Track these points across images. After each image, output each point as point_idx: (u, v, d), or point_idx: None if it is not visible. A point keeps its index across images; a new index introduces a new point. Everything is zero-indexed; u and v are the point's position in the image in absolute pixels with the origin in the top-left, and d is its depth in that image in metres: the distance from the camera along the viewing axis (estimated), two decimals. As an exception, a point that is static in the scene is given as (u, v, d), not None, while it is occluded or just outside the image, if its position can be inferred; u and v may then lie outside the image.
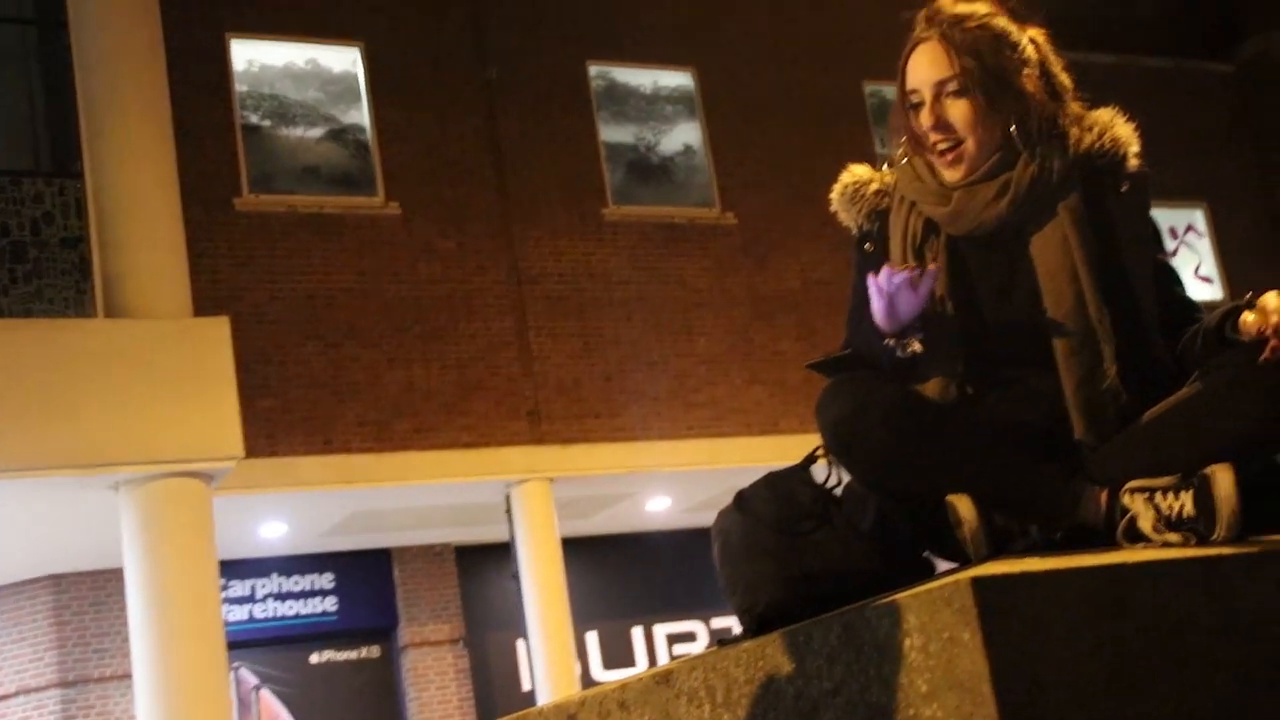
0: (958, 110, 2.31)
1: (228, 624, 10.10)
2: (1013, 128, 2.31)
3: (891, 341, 2.26)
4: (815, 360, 2.20)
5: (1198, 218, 15.85)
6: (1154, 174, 2.40)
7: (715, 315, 12.70)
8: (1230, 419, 2.07)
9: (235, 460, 9.40)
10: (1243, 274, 14.61)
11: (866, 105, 13.85)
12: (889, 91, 14.44)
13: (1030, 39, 2.38)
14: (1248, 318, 2.07)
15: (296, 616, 12.33)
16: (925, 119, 2.33)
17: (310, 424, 10.72)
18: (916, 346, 2.27)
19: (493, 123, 12.35)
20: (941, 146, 2.33)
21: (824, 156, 13.17)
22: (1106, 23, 15.63)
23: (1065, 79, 2.40)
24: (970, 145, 2.32)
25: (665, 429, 12.07)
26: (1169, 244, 2.37)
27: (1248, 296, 2.10)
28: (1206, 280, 15.43)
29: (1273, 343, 2.02)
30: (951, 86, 2.31)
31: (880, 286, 2.23)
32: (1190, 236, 15.71)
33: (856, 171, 2.52)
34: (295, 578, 12.45)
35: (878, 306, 2.25)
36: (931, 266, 2.29)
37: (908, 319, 2.26)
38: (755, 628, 2.14)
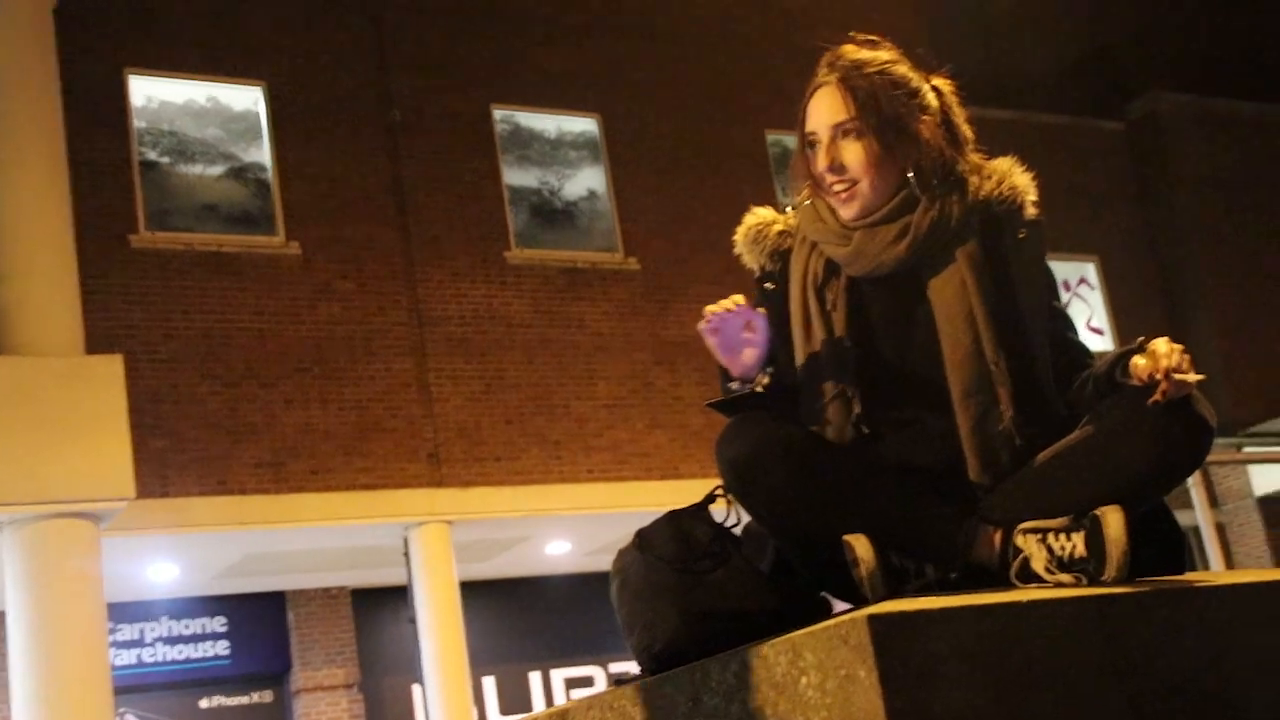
0: (853, 152, 2.35)
1: (115, 668, 9.86)
2: (910, 173, 2.35)
3: (735, 384, 2.30)
4: (715, 400, 2.20)
5: (1090, 270, 16.21)
6: (1048, 223, 2.45)
7: (617, 360, 12.71)
8: (1120, 461, 2.11)
9: (126, 501, 9.20)
10: (1132, 326, 14.94)
11: (769, 154, 14.00)
12: (791, 141, 14.66)
13: (934, 88, 2.43)
14: (1138, 361, 2.12)
15: (186, 661, 12.07)
16: (822, 160, 2.38)
17: (204, 465, 10.54)
18: (764, 381, 2.30)
19: (396, 164, 12.29)
20: (837, 187, 2.37)
21: (726, 204, 13.27)
22: (1005, 79, 15.98)
23: (967, 129, 2.45)
24: (864, 186, 2.35)
25: (566, 472, 12.04)
26: (1062, 295, 2.41)
27: (1138, 341, 2.15)
28: (1098, 332, 15.76)
29: (1163, 385, 2.06)
30: (848, 129, 2.36)
31: (711, 325, 2.29)
32: (1082, 289, 16.05)
33: (760, 213, 2.55)
34: (186, 621, 12.20)
35: (712, 344, 2.29)
36: (761, 311, 2.32)
37: (751, 363, 2.31)
38: (653, 666, 2.14)
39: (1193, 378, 2.07)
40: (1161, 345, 2.10)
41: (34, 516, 8.96)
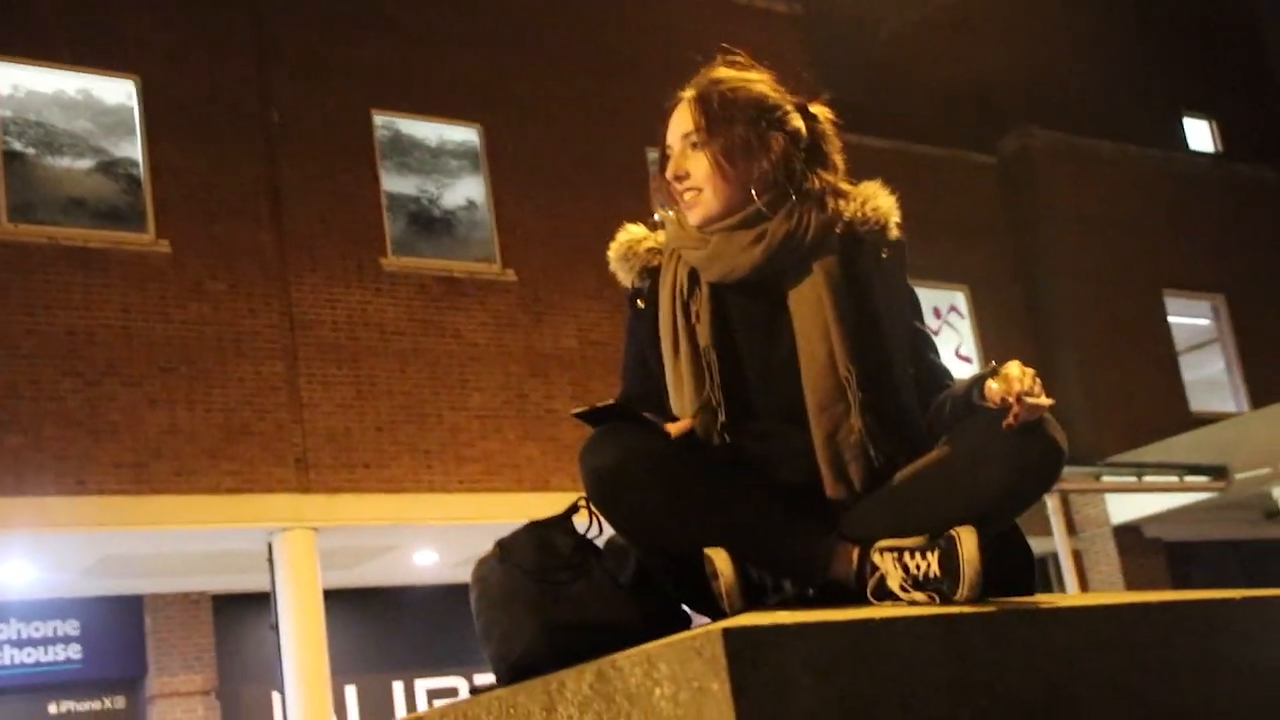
0: (697, 162, 2.43)
1: (-40, 672, 9.57)
2: (753, 191, 2.39)
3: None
4: (581, 410, 2.21)
5: (960, 299, 16.54)
6: (921, 251, 2.50)
7: (491, 371, 12.66)
8: (976, 483, 2.15)
9: (-23, 498, 8.94)
10: (1000, 354, 15.17)
11: (648, 171, 14.06)
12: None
13: (803, 111, 2.47)
14: (992, 385, 2.17)
15: (36, 664, 11.74)
16: (670, 169, 2.46)
17: (63, 463, 10.27)
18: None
19: (273, 166, 12.12)
20: (685, 196, 2.44)
21: (605, 219, 13.20)
22: (884, 109, 16.24)
23: (836, 154, 2.50)
24: (708, 194, 2.42)
25: (436, 482, 11.95)
26: (933, 323, 2.46)
27: (991, 364, 2.20)
28: (966, 360, 16.08)
29: (1015, 409, 2.11)
30: (694, 140, 2.43)
31: None
32: (952, 316, 16.37)
33: (631, 230, 2.58)
34: (37, 623, 11.87)
35: None
36: None
37: None
38: (509, 676, 2.13)
39: (1044, 401, 2.13)
40: (1014, 369, 2.15)
41: (-121, 512, 8.67)
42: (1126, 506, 16.08)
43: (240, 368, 11.30)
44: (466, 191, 13.26)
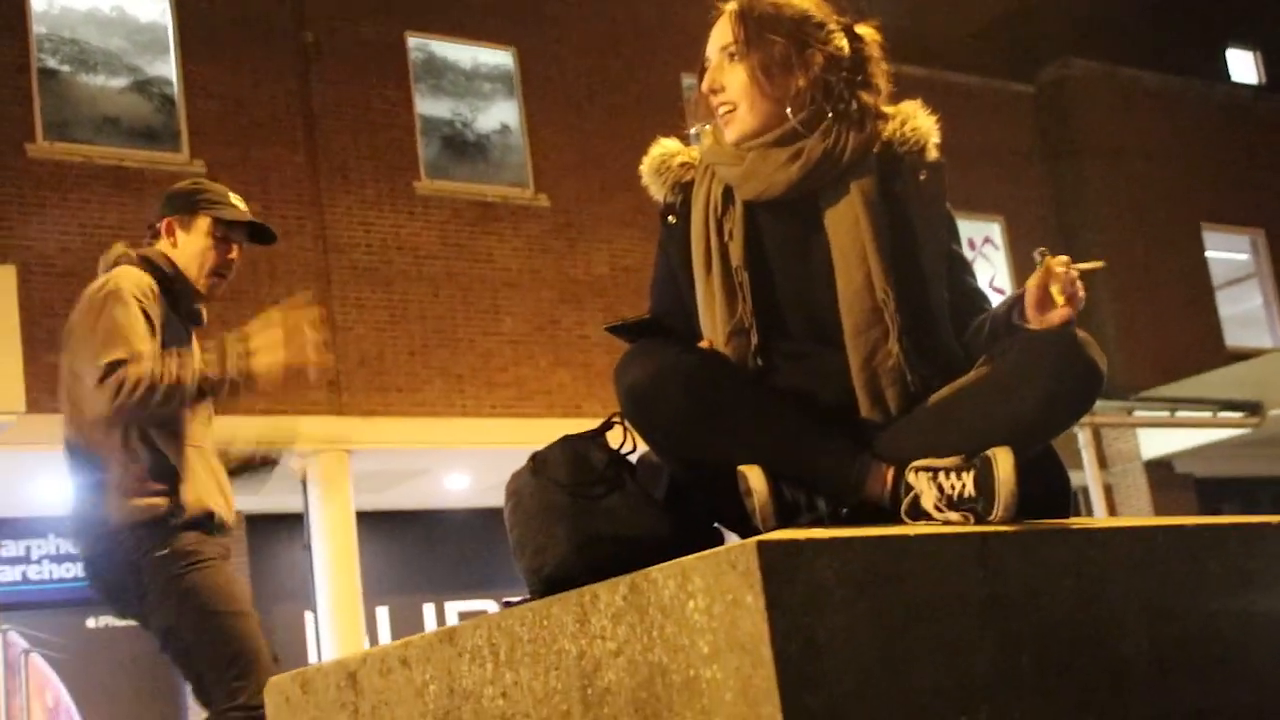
0: (734, 75, 2.39)
1: (0, 585, 9.71)
2: (788, 108, 2.36)
3: None
4: (614, 323, 2.20)
5: (995, 231, 16.41)
6: (957, 181, 2.48)
7: (523, 296, 12.66)
8: (1013, 404, 2.14)
9: (16, 415, 9.02)
10: (1033, 286, 15.15)
11: (683, 97, 13.95)
12: (707, 85, 14.59)
13: (854, 33, 2.43)
14: (1032, 279, 2.15)
15: (74, 579, 11.88)
16: (705, 82, 2.43)
17: (98, 382, 10.35)
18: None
19: (306, 87, 12.08)
20: (720, 109, 2.41)
21: (639, 145, 13.07)
22: (920, 37, 16.04)
23: (880, 76, 2.46)
24: (743, 110, 2.39)
25: (468, 406, 11.99)
26: (967, 254, 2.43)
27: (1040, 251, 2.17)
28: (1000, 291, 15.98)
29: (1066, 282, 2.10)
30: (732, 53, 2.40)
31: None
32: (987, 248, 16.26)
33: (665, 144, 2.56)
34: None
35: None
36: None
37: None
38: (542, 589, 2.14)
39: (1091, 265, 2.13)
40: (1057, 262, 2.14)
41: (-81, 427, 8.77)
42: (1158, 441, 16.03)
43: (274, 290, 11.31)
44: (500, 115, 13.19)
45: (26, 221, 10.47)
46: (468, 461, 12.53)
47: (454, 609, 13.73)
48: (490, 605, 13.80)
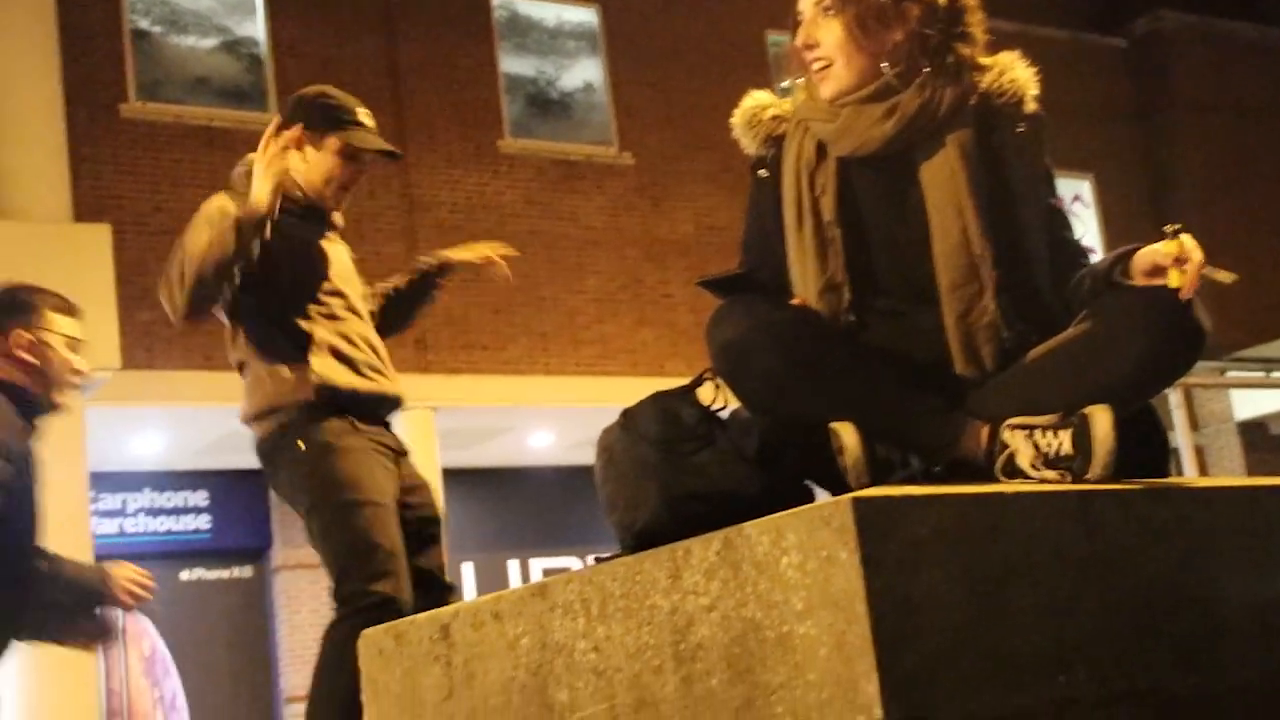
0: (829, 30, 2.36)
1: (96, 537, 9.92)
2: (884, 62, 2.32)
3: None
4: (707, 277, 2.19)
5: (1084, 188, 16.15)
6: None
7: (607, 255, 12.66)
8: (1112, 361, 2.10)
9: (111, 371, 9.19)
10: (1124, 244, 14.91)
11: (768, 54, 13.84)
12: (792, 41, 14.45)
13: None
14: (1159, 248, 2.10)
15: (168, 533, 12.14)
16: (800, 36, 2.39)
17: (190, 338, 10.48)
18: None
19: (392, 45, 12.13)
20: (815, 65, 2.37)
21: (723, 103, 13.03)
22: (1009, -11, 15.76)
23: (976, 26, 2.42)
24: (839, 66, 2.35)
25: (552, 365, 12.04)
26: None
27: (1174, 227, 2.12)
28: (1090, 250, 15.72)
29: (1190, 274, 2.05)
30: (828, 7, 2.36)
31: None
32: (1076, 206, 16.01)
33: (758, 96, 2.53)
34: (168, 494, 12.24)
35: None
36: None
37: None
38: (633, 544, 2.15)
39: (1224, 277, 2.08)
40: (1190, 241, 2.10)
41: (18, 382, 8.95)
42: (1252, 402, 15.74)
43: (360, 249, 11.25)
44: (584, 73, 13.17)
45: (120, 180, 10.63)
46: (552, 420, 12.59)
47: (538, 565, 13.84)
48: (573, 562, 13.90)
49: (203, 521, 12.37)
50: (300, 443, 3.51)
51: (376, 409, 3.62)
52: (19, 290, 3.64)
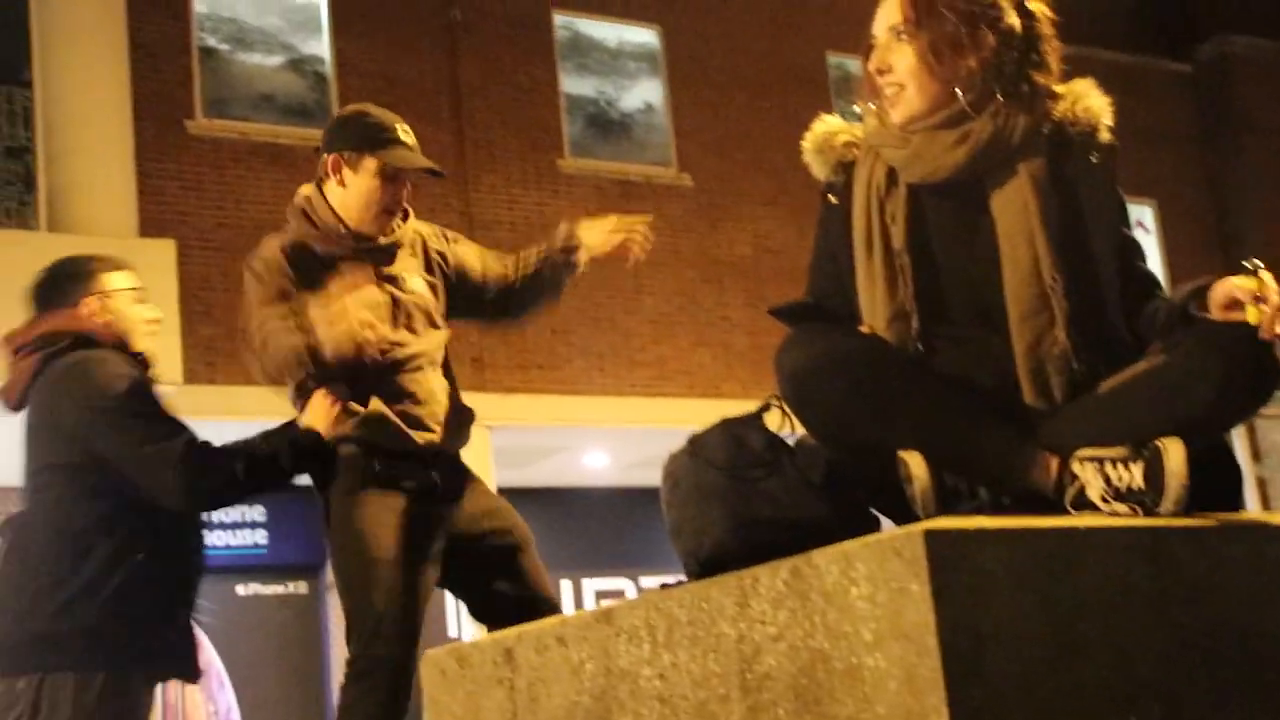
0: (902, 55, 2.35)
1: (154, 550, 10.00)
2: (957, 89, 2.31)
3: None
4: (777, 306, 2.19)
5: (1146, 214, 16.00)
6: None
7: (665, 276, 12.66)
8: (1185, 395, 2.08)
9: (174, 386, 9.28)
10: (1186, 271, 14.77)
11: (829, 77, 13.82)
12: (852, 64, 14.38)
13: (1026, 9, 2.38)
14: (1237, 282, 2.07)
15: (226, 547, 12.22)
16: (873, 62, 2.38)
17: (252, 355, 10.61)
18: None
19: (454, 64, 12.22)
20: (887, 90, 2.37)
21: (783, 125, 13.15)
22: (1073, 13, 15.66)
23: (1051, 54, 2.41)
24: (911, 91, 2.34)
25: (608, 385, 12.04)
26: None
27: (1253, 263, 2.10)
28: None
29: (1267, 316, 2.02)
30: (901, 32, 2.35)
31: None
32: (1138, 232, 15.85)
33: (829, 121, 2.52)
34: (226, 508, 12.34)
35: None
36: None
37: None
38: (699, 571, 2.14)
39: None
40: (1269, 278, 2.07)
41: (82, 395, 9.06)
42: (1315, 433, 15.51)
43: (420, 266, 11.49)
44: (645, 94, 13.20)
45: (185, 197, 10.75)
46: (607, 440, 12.59)
47: (591, 586, 13.83)
48: (626, 584, 13.88)
49: (259, 536, 12.45)
50: (321, 495, 3.50)
51: (403, 458, 3.45)
52: (71, 262, 3.66)
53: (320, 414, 3.40)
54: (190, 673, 3.52)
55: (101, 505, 3.30)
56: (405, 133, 3.60)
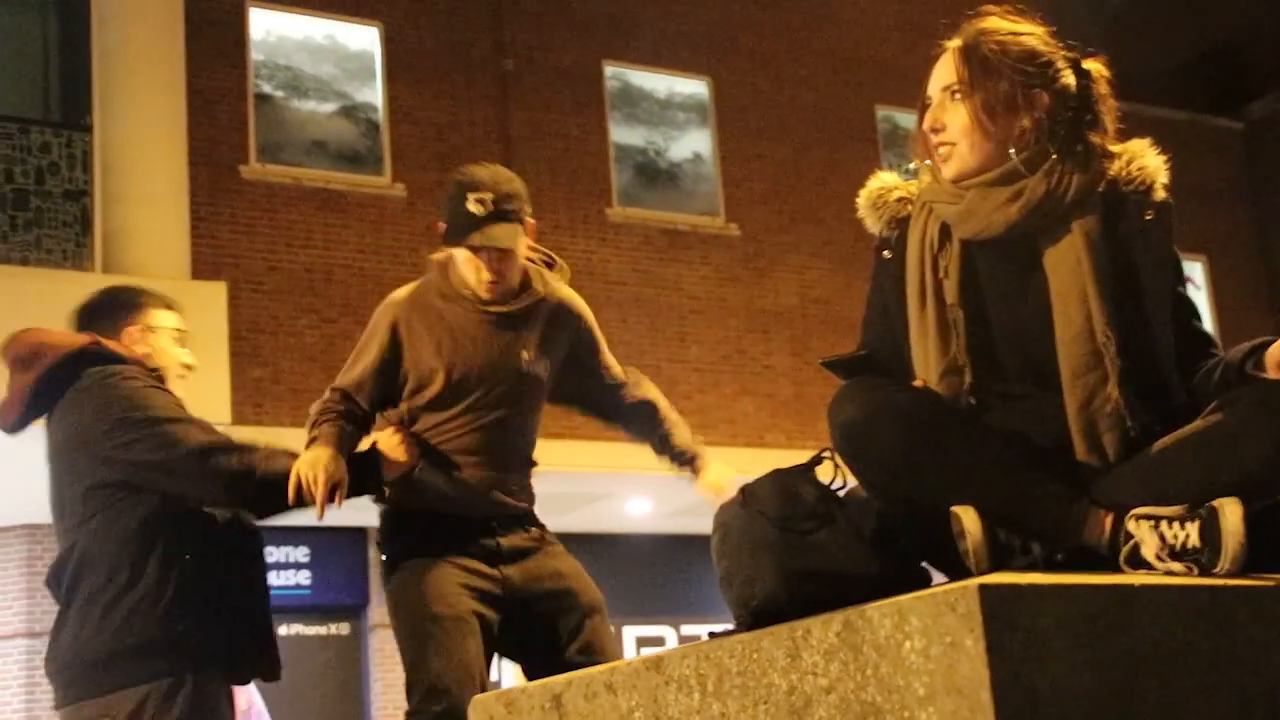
0: (956, 114, 2.36)
1: (199, 590, 10.05)
2: (1011, 148, 2.32)
3: None
4: (830, 358, 2.19)
5: (1197, 271, 15.91)
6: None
7: (710, 324, 12.69)
8: (1243, 454, 2.07)
9: (222, 426, 9.35)
10: (1237, 327, 14.66)
11: (878, 129, 13.86)
12: (901, 117, 14.44)
13: (1082, 69, 2.39)
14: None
15: (270, 588, 12.28)
16: (927, 120, 2.40)
17: (299, 396, 10.67)
18: None
19: (504, 113, 12.34)
20: (940, 149, 2.38)
21: (831, 177, 13.19)
22: (1125, 71, 15.64)
23: (1108, 114, 2.42)
24: (963, 148, 2.35)
25: (652, 433, 12.04)
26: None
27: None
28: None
29: None
30: (955, 91, 2.37)
31: None
32: (1188, 288, 15.77)
33: (884, 178, 2.54)
34: (270, 549, 12.35)
35: None
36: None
37: None
38: (749, 621, 2.14)
39: None
40: None
41: (133, 435, 9.16)
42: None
43: (467, 312, 11.55)
44: (693, 144, 13.27)
45: (237, 240, 10.88)
46: (650, 487, 12.57)
47: (631, 633, 13.78)
48: (667, 631, 13.82)
49: (303, 577, 12.49)
50: (381, 553, 3.56)
51: (461, 520, 3.51)
52: (123, 290, 3.69)
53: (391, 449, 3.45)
54: (270, 673, 3.52)
55: (142, 512, 3.31)
56: (476, 205, 3.54)
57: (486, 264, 3.54)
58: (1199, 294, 15.81)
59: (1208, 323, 16.37)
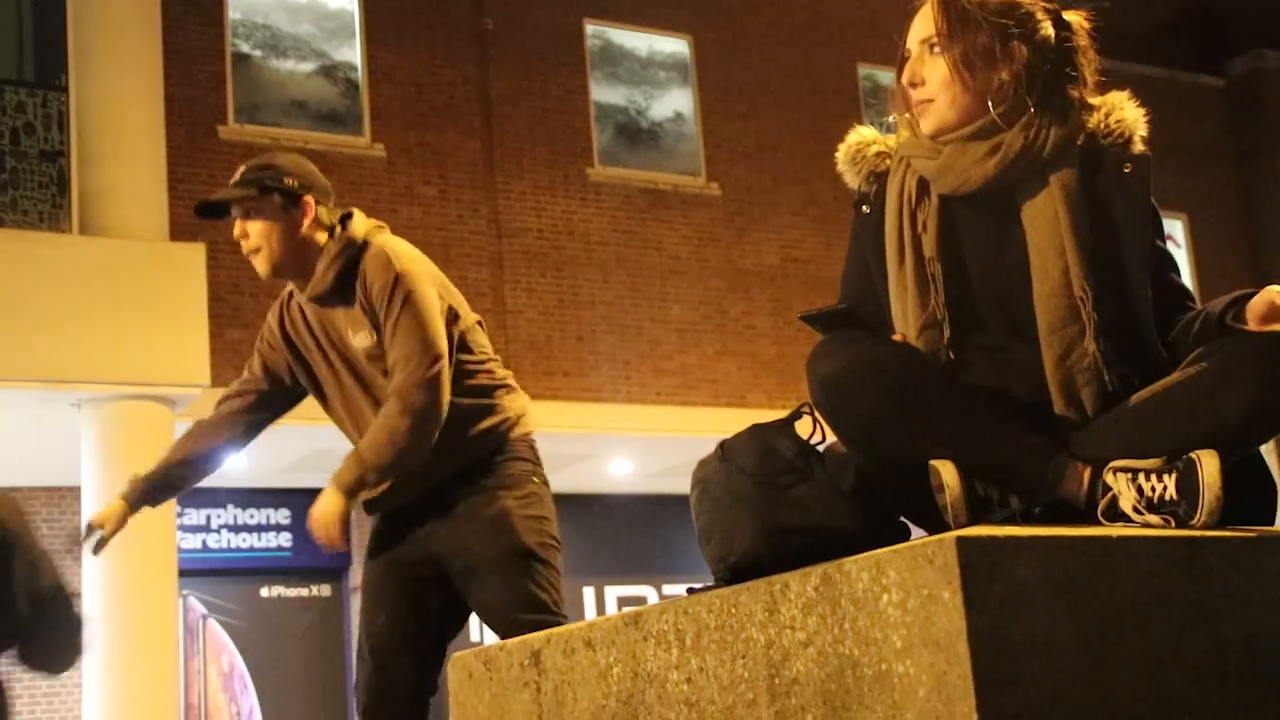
0: (934, 68, 2.34)
1: (181, 551, 10.06)
2: (990, 101, 2.31)
3: None
4: (809, 312, 2.18)
5: (1177, 228, 15.93)
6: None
7: (691, 284, 12.68)
8: (1220, 406, 2.06)
9: (201, 388, 9.33)
10: (1217, 284, 14.70)
11: (859, 88, 13.82)
12: (882, 75, 14.39)
13: (1062, 20, 2.37)
14: (1277, 290, 2.06)
15: (250, 550, 12.27)
16: (905, 75, 2.38)
17: (279, 358, 10.66)
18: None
19: (484, 73, 12.26)
20: (918, 103, 2.36)
21: (812, 136, 13.15)
22: (1106, 27, 15.60)
23: (1087, 66, 2.40)
24: (941, 103, 2.33)
25: (634, 393, 12.05)
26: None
27: None
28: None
29: None
30: (933, 45, 2.35)
31: None
32: (1169, 246, 15.79)
33: (862, 132, 2.52)
34: (251, 511, 12.38)
35: None
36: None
37: None
38: (728, 576, 2.13)
39: None
40: None
41: (112, 396, 9.11)
42: (1346, 450, 15.40)
43: (447, 273, 11.33)
44: (674, 103, 13.22)
45: (215, 201, 10.80)
46: (632, 447, 12.60)
47: (613, 593, 13.83)
48: (649, 591, 13.87)
49: (284, 539, 12.49)
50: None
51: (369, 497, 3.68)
52: None
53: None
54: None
55: None
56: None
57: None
58: (1180, 251, 15.85)
59: (1188, 280, 16.37)
